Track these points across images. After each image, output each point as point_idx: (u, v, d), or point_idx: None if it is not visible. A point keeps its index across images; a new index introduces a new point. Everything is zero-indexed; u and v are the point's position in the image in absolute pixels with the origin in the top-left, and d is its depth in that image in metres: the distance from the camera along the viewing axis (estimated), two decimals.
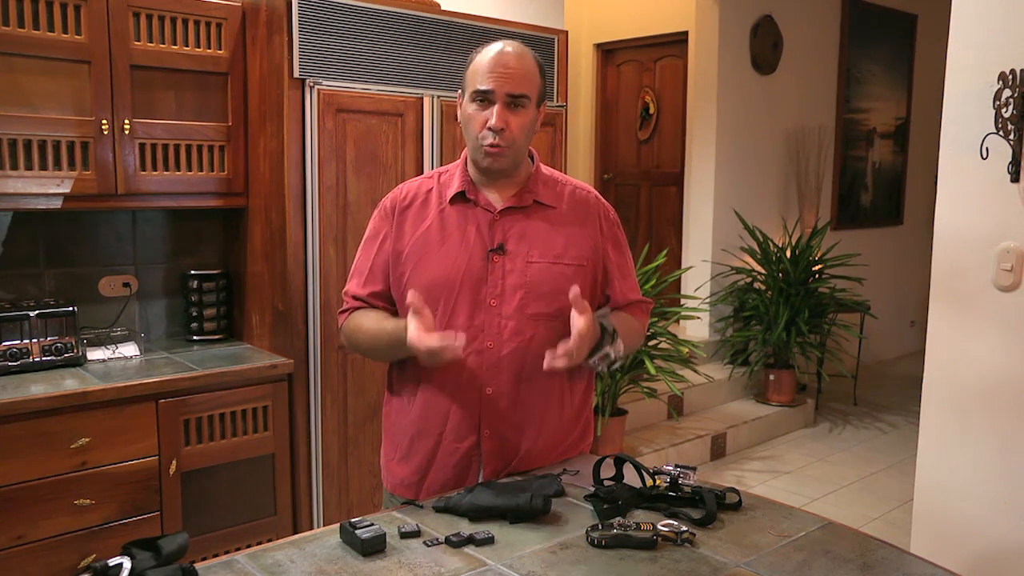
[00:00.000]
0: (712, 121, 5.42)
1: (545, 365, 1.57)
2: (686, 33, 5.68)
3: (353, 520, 1.41)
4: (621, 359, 1.70)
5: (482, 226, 1.71)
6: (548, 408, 1.74)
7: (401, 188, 1.80)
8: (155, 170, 2.74)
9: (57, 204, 2.57)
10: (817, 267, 5.28)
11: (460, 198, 1.73)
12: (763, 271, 5.30)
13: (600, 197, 1.85)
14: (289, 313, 2.80)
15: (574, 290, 1.57)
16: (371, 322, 1.73)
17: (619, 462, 1.64)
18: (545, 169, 1.80)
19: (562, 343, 1.56)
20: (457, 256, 1.69)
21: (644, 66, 6.21)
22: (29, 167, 2.51)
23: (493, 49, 1.67)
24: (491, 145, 1.65)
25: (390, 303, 1.77)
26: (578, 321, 1.56)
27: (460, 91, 1.73)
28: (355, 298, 1.79)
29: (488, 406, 1.69)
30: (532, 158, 1.78)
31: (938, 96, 2.51)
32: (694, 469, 1.59)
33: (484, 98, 1.66)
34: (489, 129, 1.65)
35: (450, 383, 1.70)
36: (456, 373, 1.69)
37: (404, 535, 1.42)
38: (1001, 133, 2.24)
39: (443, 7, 3.17)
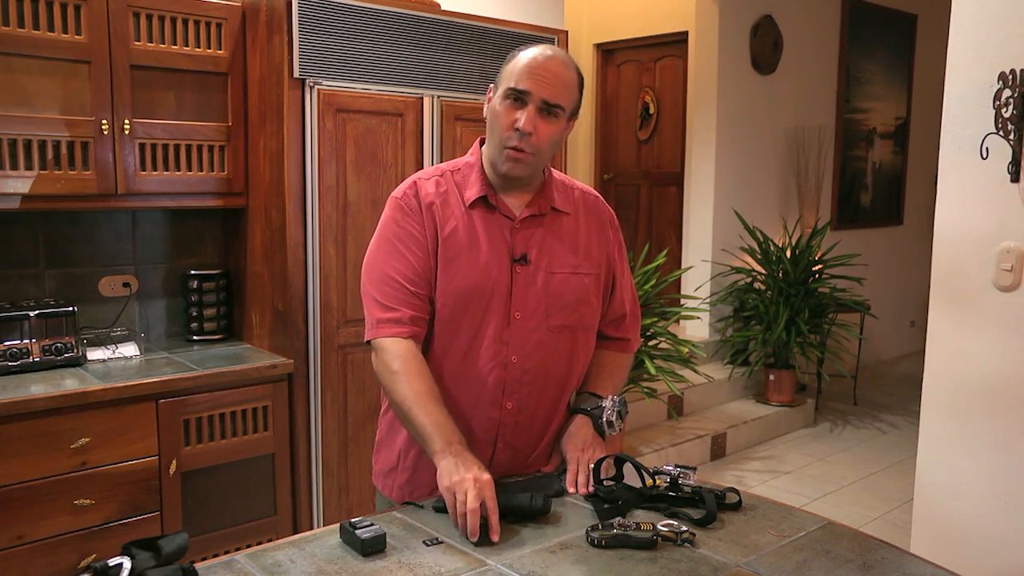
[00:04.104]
0: (712, 121, 5.42)
1: (581, 492, 1.60)
2: (686, 33, 5.68)
3: (353, 520, 1.41)
4: (619, 406, 1.71)
5: (504, 234, 1.65)
6: (555, 417, 1.73)
7: (416, 184, 1.68)
8: (155, 170, 2.74)
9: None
10: (817, 267, 5.28)
11: (481, 202, 1.66)
12: (763, 271, 5.30)
13: (603, 200, 1.83)
14: (289, 313, 2.80)
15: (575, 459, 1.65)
16: (411, 394, 1.57)
17: (619, 462, 1.63)
18: (556, 173, 1.76)
19: (570, 472, 1.64)
20: (487, 265, 1.62)
21: (644, 66, 6.21)
22: (29, 167, 2.51)
23: (537, 50, 1.59)
24: (515, 148, 1.59)
25: (431, 303, 1.66)
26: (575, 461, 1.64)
27: (492, 86, 1.65)
28: (412, 310, 1.62)
29: (507, 420, 1.66)
30: None
31: (938, 96, 2.51)
32: (694, 469, 1.59)
33: (518, 97, 1.57)
34: (516, 130, 1.58)
35: (470, 398, 1.65)
36: (479, 388, 1.64)
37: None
38: (1001, 133, 2.24)
39: (443, 7, 3.17)
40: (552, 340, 1.66)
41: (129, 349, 2.82)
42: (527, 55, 1.59)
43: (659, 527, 1.41)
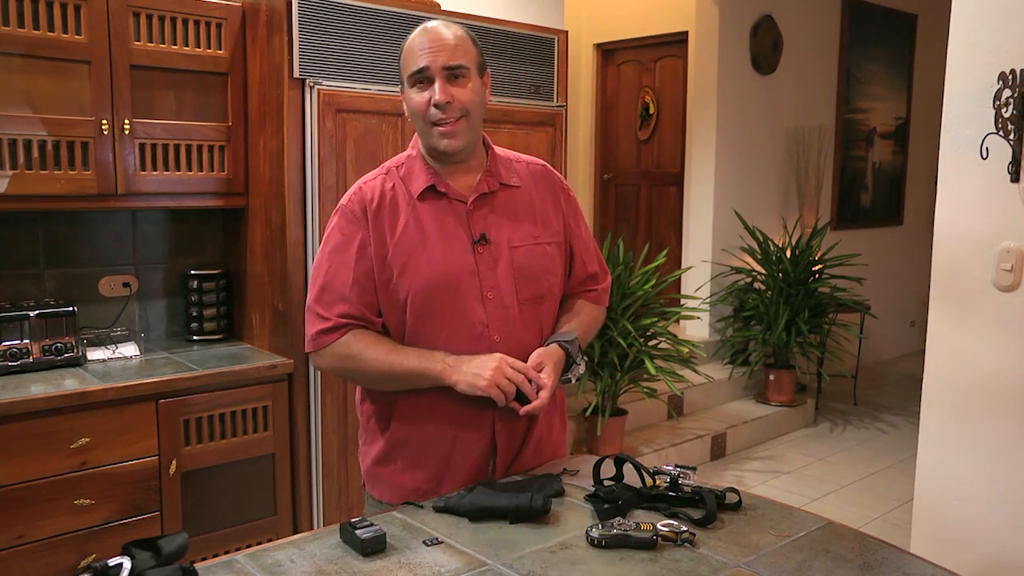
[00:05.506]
0: (712, 121, 5.42)
1: (522, 411, 1.59)
2: (686, 33, 5.68)
3: (353, 520, 1.41)
4: (581, 376, 1.74)
5: (459, 219, 1.66)
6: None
7: (361, 190, 1.68)
8: (155, 170, 2.74)
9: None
10: (817, 267, 5.28)
11: (430, 192, 1.66)
12: (763, 271, 5.30)
13: (551, 167, 1.83)
14: (289, 313, 2.80)
15: (535, 365, 1.63)
16: (381, 355, 1.62)
17: (619, 462, 1.63)
18: (498, 149, 1.77)
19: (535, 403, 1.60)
20: (445, 253, 1.64)
21: (644, 66, 6.21)
22: (29, 167, 2.51)
23: (418, 31, 1.64)
24: (441, 122, 1.60)
25: (378, 314, 1.68)
26: (544, 379, 1.61)
27: (400, 88, 1.68)
28: (346, 316, 1.64)
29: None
30: (484, 140, 1.74)
31: (938, 96, 2.51)
32: (694, 469, 1.59)
33: (422, 79, 1.61)
34: (435, 106, 1.59)
35: None
36: None
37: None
38: (1001, 133, 2.24)
39: (443, 7, 3.17)
40: (526, 313, 1.68)
41: (129, 349, 2.82)
42: (409, 41, 1.65)
43: (659, 527, 1.41)
